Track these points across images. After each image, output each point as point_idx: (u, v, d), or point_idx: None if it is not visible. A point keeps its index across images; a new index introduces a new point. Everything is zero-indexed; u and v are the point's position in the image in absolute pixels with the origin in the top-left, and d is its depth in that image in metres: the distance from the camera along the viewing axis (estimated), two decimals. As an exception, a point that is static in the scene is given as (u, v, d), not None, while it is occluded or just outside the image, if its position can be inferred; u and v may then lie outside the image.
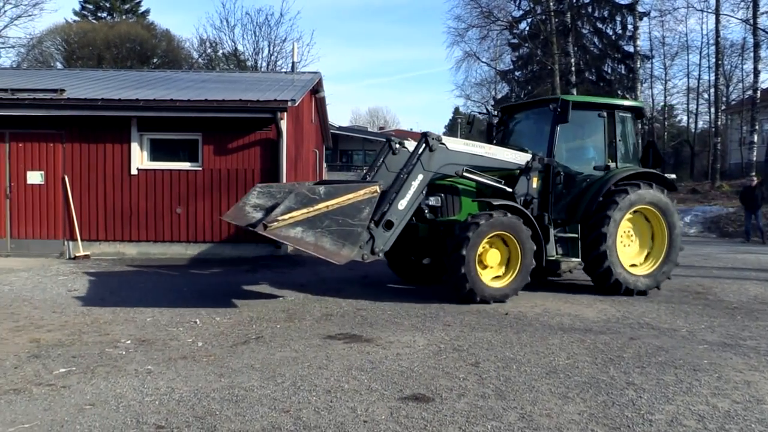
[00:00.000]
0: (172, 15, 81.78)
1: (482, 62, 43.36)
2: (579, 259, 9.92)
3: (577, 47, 36.60)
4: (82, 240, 14.24)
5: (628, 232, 10.26)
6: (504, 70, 44.13)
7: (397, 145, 9.68)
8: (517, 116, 11.50)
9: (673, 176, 11.57)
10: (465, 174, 9.43)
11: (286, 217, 8.07)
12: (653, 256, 10.25)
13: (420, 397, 5.22)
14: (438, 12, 63.34)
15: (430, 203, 9.75)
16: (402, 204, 9.03)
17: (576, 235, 9.93)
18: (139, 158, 14.37)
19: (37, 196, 14.37)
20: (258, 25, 47.22)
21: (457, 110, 69.06)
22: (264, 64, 44.63)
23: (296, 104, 14.62)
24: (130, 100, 14.10)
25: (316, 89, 20.90)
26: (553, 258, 9.87)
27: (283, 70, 39.73)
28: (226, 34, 55.29)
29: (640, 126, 19.24)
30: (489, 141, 11.32)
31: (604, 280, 9.91)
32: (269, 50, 45.60)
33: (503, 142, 11.17)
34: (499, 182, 9.72)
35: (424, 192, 9.34)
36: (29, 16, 49.53)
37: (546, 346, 6.84)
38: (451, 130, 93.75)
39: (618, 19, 37.06)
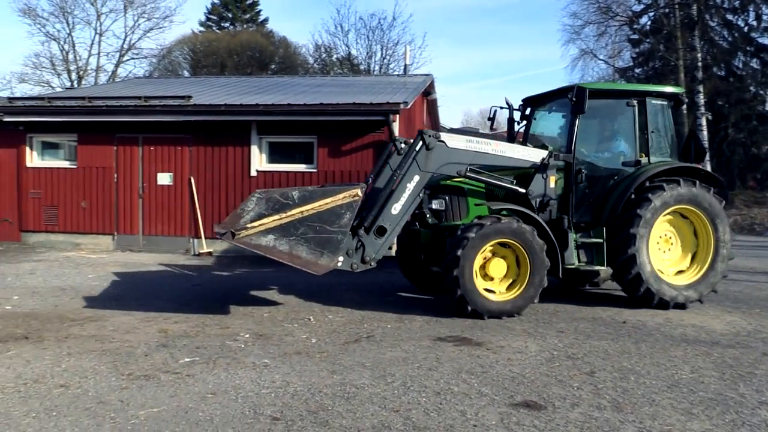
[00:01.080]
0: (289, 22, 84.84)
1: (599, 60, 41.72)
2: (604, 267, 8.95)
3: (704, 41, 34.36)
4: (205, 238, 15.08)
5: (667, 236, 9.16)
6: (623, 68, 42.21)
7: (402, 144, 9.09)
8: (541, 109, 10.48)
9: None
10: (469, 174, 8.63)
11: (256, 224, 7.62)
12: (697, 265, 9.11)
13: (531, 404, 5.10)
14: (552, 10, 61.84)
15: (433, 207, 8.96)
16: (396, 208, 8.32)
17: (601, 240, 8.91)
18: (259, 160, 15.04)
19: (166, 196, 15.39)
20: (371, 29, 48.03)
21: (571, 110, 66.75)
22: (377, 67, 45.32)
23: (408, 106, 14.73)
24: (250, 105, 14.79)
25: (428, 91, 20.97)
26: (573, 266, 8.85)
27: (396, 73, 40.19)
28: (340, 39, 56.57)
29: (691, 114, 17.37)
30: (510, 137, 10.47)
31: (634, 289, 8.85)
32: (382, 54, 46.26)
33: (526, 138, 10.31)
34: (511, 182, 8.93)
35: (421, 195, 8.59)
36: (160, 28, 53.07)
37: (668, 358, 6.48)
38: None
39: (751, 9, 34.47)
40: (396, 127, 14.36)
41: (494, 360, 6.33)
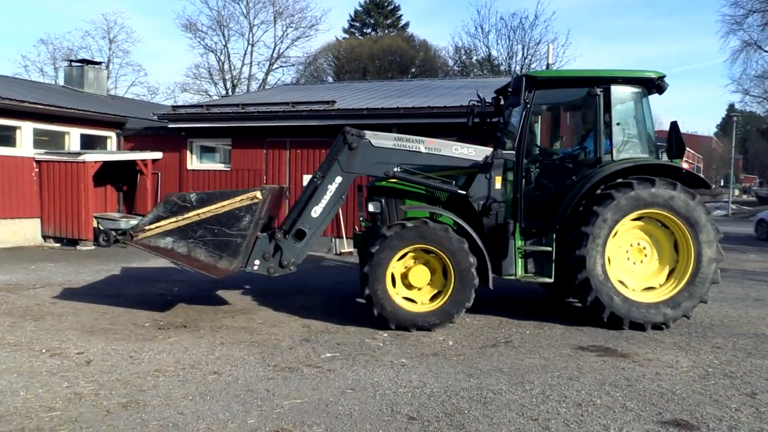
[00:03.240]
0: (429, 26, 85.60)
1: (765, 51, 38.27)
2: (551, 279, 7.99)
3: None
4: (346, 237, 15.57)
5: (639, 245, 7.93)
6: (793, 61, 38.44)
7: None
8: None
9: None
10: (397, 175, 8.02)
11: (153, 226, 7.56)
12: (672, 282, 7.81)
13: (682, 423, 4.76)
14: (707, 0, 57.08)
15: (370, 209, 8.41)
16: (316, 211, 7.98)
17: (549, 249, 7.92)
18: (398, 163, 15.26)
19: (311, 197, 16.05)
20: (512, 29, 47.18)
21: (731, 107, 61.58)
22: (518, 68, 44.52)
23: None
24: (391, 108, 15.07)
25: (571, 91, 20.23)
26: (513, 276, 7.95)
27: (537, 73, 39.11)
28: (480, 40, 56.11)
29: None
30: (480, 135, 9.30)
31: (596, 312, 7.72)
32: (523, 53, 45.41)
33: (498, 136, 9.09)
34: (449, 183, 8.15)
35: (344, 197, 8.14)
36: (306, 37, 55.43)
37: None
38: (724, 129, 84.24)
39: None
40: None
41: (641, 373, 5.98)
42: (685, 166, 8.15)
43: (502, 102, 9.40)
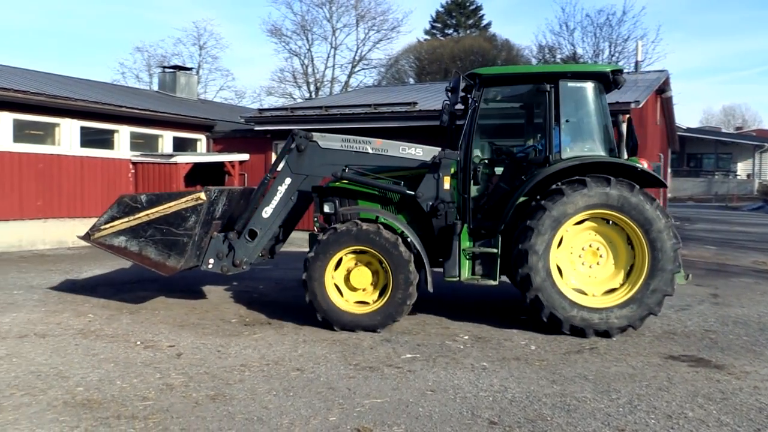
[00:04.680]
0: (512, 25, 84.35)
1: None
2: (496, 282, 7.69)
3: None
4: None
5: (593, 246, 7.47)
6: None
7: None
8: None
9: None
10: (345, 176, 7.97)
11: (107, 226, 7.96)
12: (630, 282, 7.31)
13: (785, 440, 4.48)
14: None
15: (325, 210, 8.25)
16: (267, 212, 8.15)
17: (495, 251, 7.61)
18: (479, 164, 15.12)
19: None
20: (598, 26, 45.91)
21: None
22: (604, 66, 43.17)
23: (639, 105, 13.84)
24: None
25: (662, 89, 19.48)
26: (456, 278, 7.72)
27: (625, 70, 37.91)
28: (565, 38, 54.83)
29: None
30: (448, 135, 8.88)
31: (536, 314, 7.35)
32: (610, 51, 44.14)
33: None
34: (396, 183, 8.01)
35: (293, 198, 8.23)
36: (388, 39, 55.85)
37: None
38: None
39: None
40: (625, 127, 13.52)
41: (737, 386, 5.66)
42: (644, 164, 7.72)
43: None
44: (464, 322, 8.08)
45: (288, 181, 8.21)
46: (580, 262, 7.52)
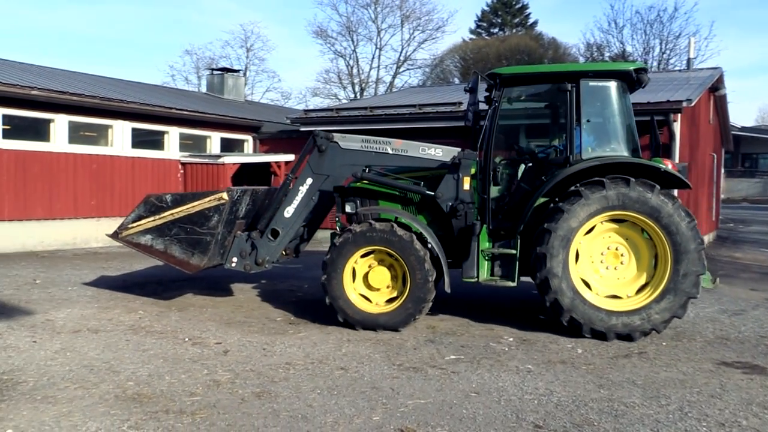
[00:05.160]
0: (559, 23, 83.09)
1: None
2: (514, 283, 7.60)
3: None
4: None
5: (615, 249, 7.34)
6: None
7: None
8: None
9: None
10: (365, 176, 8.05)
11: (134, 224, 8.24)
12: (649, 289, 7.17)
13: None
14: None
15: (347, 210, 8.24)
16: (289, 212, 8.26)
17: (514, 252, 7.55)
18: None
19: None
20: (648, 23, 44.88)
21: None
22: (654, 63, 42.34)
23: (692, 104, 13.44)
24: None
25: (716, 86, 18.88)
26: (474, 279, 7.67)
27: (677, 68, 36.98)
28: (614, 36, 53.96)
29: None
30: (473, 134, 8.60)
31: (556, 316, 7.27)
32: (660, 48, 43.17)
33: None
34: (416, 184, 8.02)
35: (315, 198, 8.31)
36: (433, 39, 55.67)
37: None
38: None
39: None
40: (678, 127, 13.20)
41: (796, 395, 5.46)
42: (668, 165, 7.50)
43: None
44: (508, 324, 7.99)
45: (309, 181, 8.31)
46: (603, 266, 7.42)
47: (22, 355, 6.33)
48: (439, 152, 8.12)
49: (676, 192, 12.19)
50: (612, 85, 7.67)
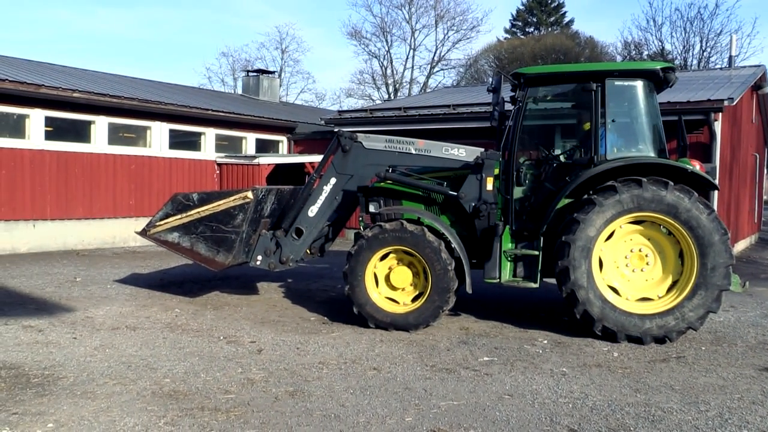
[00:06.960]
0: (596, 22, 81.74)
1: None
2: (536, 285, 7.51)
3: None
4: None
5: (639, 251, 7.19)
6: None
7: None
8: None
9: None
10: (389, 176, 8.09)
11: (162, 222, 8.41)
12: (679, 287, 7.01)
13: None
14: None
15: (371, 210, 8.28)
16: (312, 211, 8.30)
17: (536, 252, 7.44)
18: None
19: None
20: (688, 20, 43.84)
21: None
22: (694, 61, 41.37)
23: (733, 103, 13.12)
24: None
25: (759, 85, 18.39)
26: (496, 280, 7.60)
27: (718, 66, 36.16)
28: (653, 34, 52.73)
29: None
30: (498, 134, 8.63)
31: (588, 326, 7.17)
32: (701, 46, 42.08)
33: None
34: (441, 184, 8.05)
35: (339, 198, 8.31)
36: (467, 39, 55.44)
37: None
38: None
39: None
40: (719, 126, 12.90)
41: (842, 402, 5.28)
42: (696, 165, 7.33)
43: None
44: (543, 327, 7.91)
45: (333, 180, 8.32)
46: (629, 270, 7.29)
47: (62, 351, 6.49)
48: (462, 152, 8.08)
49: (716, 194, 11.93)
50: (638, 85, 7.56)
